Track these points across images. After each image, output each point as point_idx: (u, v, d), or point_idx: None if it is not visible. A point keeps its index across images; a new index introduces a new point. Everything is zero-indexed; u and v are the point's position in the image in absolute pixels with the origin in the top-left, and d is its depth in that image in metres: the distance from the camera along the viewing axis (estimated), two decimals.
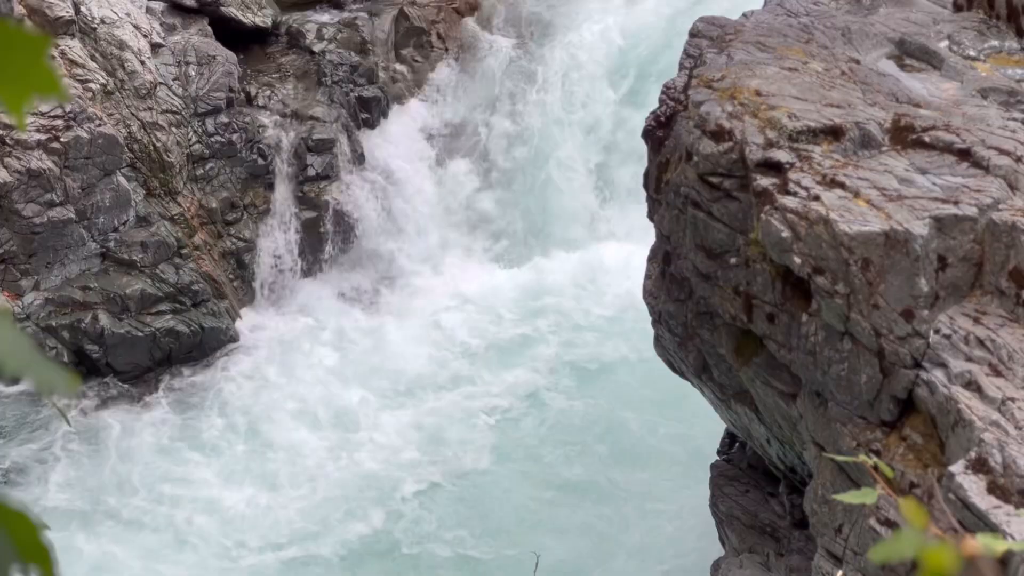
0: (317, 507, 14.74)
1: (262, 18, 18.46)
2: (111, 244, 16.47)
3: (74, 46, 16.57)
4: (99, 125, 16.20)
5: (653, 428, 15.46)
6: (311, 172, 17.66)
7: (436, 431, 15.78)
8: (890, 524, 8.38)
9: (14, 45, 1.41)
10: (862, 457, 2.80)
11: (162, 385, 16.40)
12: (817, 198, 8.89)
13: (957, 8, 11.49)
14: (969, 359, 8.36)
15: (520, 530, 14.16)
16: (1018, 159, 9.03)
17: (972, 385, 8.24)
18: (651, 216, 11.09)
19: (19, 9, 16.26)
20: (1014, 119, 9.65)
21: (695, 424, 14.83)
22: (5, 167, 15.76)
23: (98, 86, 16.49)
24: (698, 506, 12.78)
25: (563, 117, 18.91)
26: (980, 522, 7.59)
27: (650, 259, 11.25)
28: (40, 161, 15.87)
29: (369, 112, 18.30)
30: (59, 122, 15.98)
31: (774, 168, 9.30)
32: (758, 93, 9.81)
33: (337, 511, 14.69)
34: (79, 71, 16.46)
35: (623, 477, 14.83)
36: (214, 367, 16.68)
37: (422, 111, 18.73)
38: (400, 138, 18.49)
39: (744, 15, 11.55)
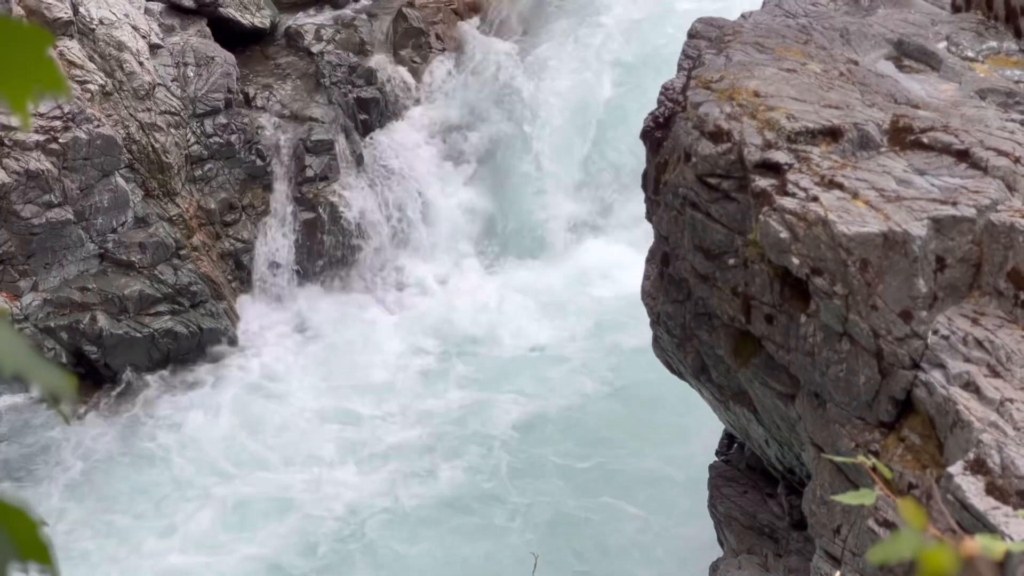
0: (282, 542, 14.23)
1: (260, 19, 18.46)
2: (109, 245, 16.46)
3: (72, 47, 16.56)
4: (98, 126, 16.19)
5: (643, 448, 15.17)
6: (309, 173, 17.64)
7: (426, 455, 15.38)
8: (889, 525, 8.38)
9: (16, 41, 1.39)
10: (860, 458, 2.80)
11: (147, 395, 16.24)
12: (816, 199, 8.89)
13: (955, 9, 11.49)
14: (967, 360, 8.36)
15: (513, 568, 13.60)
16: (1016, 160, 9.03)
17: (970, 386, 8.24)
18: (649, 217, 11.09)
19: (18, 10, 16.26)
20: (1012, 120, 9.65)
21: (683, 440, 14.73)
22: (3, 168, 15.74)
23: (96, 87, 16.48)
24: (696, 511, 12.71)
25: (562, 118, 18.88)
26: (978, 523, 7.59)
27: (648, 260, 11.24)
28: (38, 162, 15.85)
29: (368, 113, 18.28)
30: (57, 123, 15.96)
31: (772, 169, 9.30)
32: (756, 94, 9.80)
33: (300, 547, 14.17)
34: (77, 72, 16.44)
35: (615, 503, 14.44)
36: (206, 373, 16.54)
37: (421, 112, 18.70)
38: (399, 139, 18.46)
39: (743, 16, 11.55)
